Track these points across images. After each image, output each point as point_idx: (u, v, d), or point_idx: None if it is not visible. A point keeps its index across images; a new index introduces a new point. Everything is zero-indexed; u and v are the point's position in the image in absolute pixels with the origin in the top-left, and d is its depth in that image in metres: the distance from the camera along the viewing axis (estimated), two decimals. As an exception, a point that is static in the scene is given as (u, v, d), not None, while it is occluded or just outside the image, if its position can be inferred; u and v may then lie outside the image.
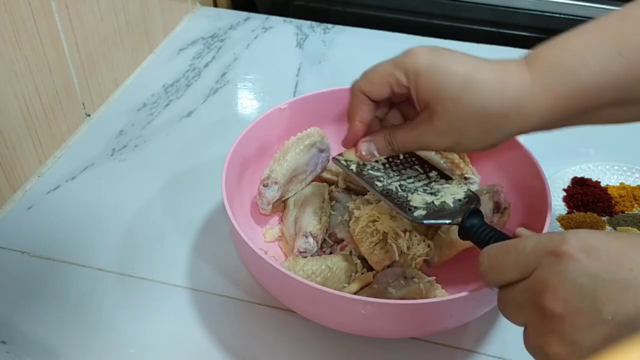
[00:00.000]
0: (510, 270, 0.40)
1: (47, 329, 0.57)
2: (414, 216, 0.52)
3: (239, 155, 0.62)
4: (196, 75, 0.92)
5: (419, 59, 0.49)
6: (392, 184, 0.55)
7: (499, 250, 0.41)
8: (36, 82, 0.70)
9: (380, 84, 0.51)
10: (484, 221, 0.50)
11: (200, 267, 0.64)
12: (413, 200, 0.53)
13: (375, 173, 0.56)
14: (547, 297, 0.36)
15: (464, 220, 0.50)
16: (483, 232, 0.48)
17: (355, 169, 0.56)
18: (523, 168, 0.62)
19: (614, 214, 0.68)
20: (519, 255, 0.39)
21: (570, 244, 0.36)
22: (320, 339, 0.57)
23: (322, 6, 1.14)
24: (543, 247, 0.38)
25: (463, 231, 0.50)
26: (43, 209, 0.70)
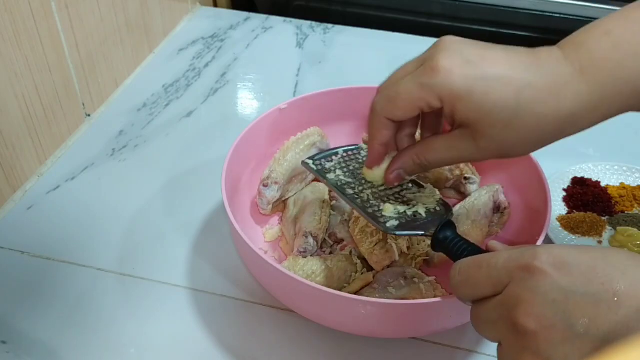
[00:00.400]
0: (482, 285, 0.39)
1: (47, 329, 0.57)
2: (386, 227, 0.51)
3: (239, 155, 0.62)
4: (196, 75, 0.92)
5: (454, 81, 0.43)
6: (363, 192, 0.54)
7: (471, 264, 0.41)
8: (36, 82, 0.70)
9: (406, 109, 0.46)
10: (457, 233, 0.49)
11: (200, 267, 0.64)
12: (385, 209, 0.52)
13: (346, 179, 0.56)
14: (519, 313, 0.36)
15: (437, 232, 0.49)
16: (456, 245, 0.48)
17: (326, 174, 0.56)
18: (523, 168, 0.62)
19: (614, 214, 0.68)
20: (490, 270, 0.39)
21: (541, 259, 0.36)
22: (320, 339, 0.57)
23: (322, 6, 1.14)
24: (514, 262, 0.37)
25: (436, 243, 0.50)
26: (43, 209, 0.70)
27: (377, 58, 0.96)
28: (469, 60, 0.44)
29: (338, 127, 0.70)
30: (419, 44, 0.95)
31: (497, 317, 0.38)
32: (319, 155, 0.59)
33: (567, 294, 0.35)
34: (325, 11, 1.13)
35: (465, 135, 0.46)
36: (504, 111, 0.43)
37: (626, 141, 0.81)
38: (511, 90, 0.43)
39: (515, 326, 0.36)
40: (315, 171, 0.57)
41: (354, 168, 0.57)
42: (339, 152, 0.59)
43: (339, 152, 0.59)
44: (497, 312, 0.38)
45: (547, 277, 0.35)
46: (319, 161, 0.58)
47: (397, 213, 0.52)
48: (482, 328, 0.40)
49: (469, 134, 0.45)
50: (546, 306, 0.35)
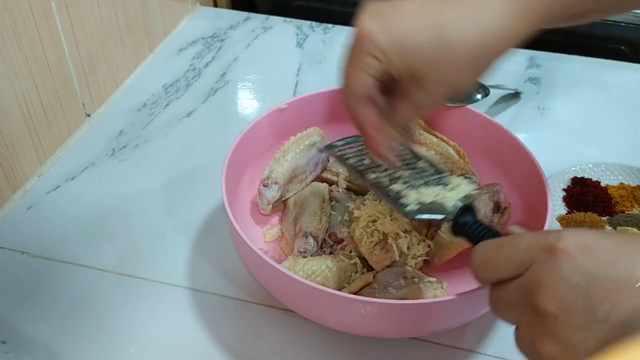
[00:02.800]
0: (503, 267, 0.39)
1: (47, 329, 0.57)
2: (406, 210, 0.51)
3: (239, 155, 0.62)
4: (196, 75, 0.92)
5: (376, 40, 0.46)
6: (384, 178, 0.54)
7: (493, 246, 0.40)
8: (36, 82, 0.70)
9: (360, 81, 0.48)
10: (476, 218, 0.49)
11: (200, 267, 0.64)
12: (407, 195, 0.52)
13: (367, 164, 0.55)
14: (540, 295, 0.36)
15: (458, 216, 0.49)
16: (477, 229, 0.48)
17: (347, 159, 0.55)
18: (523, 168, 0.62)
19: (614, 214, 0.68)
20: (512, 251, 0.38)
21: (565, 242, 0.36)
22: (320, 339, 0.57)
23: (322, 6, 1.14)
24: (537, 243, 0.37)
25: (456, 227, 0.50)
26: (43, 209, 0.70)
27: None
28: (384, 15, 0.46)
29: (338, 127, 0.70)
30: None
31: (517, 299, 0.38)
32: (341, 141, 0.58)
33: (590, 278, 0.34)
34: (325, 11, 1.13)
35: (413, 85, 0.47)
36: (429, 49, 0.45)
37: (626, 141, 0.81)
38: (428, 27, 0.45)
39: (535, 308, 0.36)
40: (337, 156, 0.56)
41: None
42: (359, 139, 0.57)
43: (360, 139, 0.57)
44: (518, 294, 0.38)
45: (571, 260, 0.35)
46: (341, 147, 0.57)
47: (418, 201, 0.52)
48: (500, 310, 0.40)
49: (415, 84, 0.47)
50: (568, 289, 0.35)
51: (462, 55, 0.45)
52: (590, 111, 0.87)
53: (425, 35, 0.45)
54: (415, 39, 0.45)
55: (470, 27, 0.45)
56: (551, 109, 0.86)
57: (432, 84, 0.47)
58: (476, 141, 0.68)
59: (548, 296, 0.35)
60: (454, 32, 0.45)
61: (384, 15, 0.46)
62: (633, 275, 0.34)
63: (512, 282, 0.38)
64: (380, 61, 0.46)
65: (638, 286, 0.33)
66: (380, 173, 0.54)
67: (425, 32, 0.45)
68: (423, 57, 0.45)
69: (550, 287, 0.35)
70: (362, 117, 0.50)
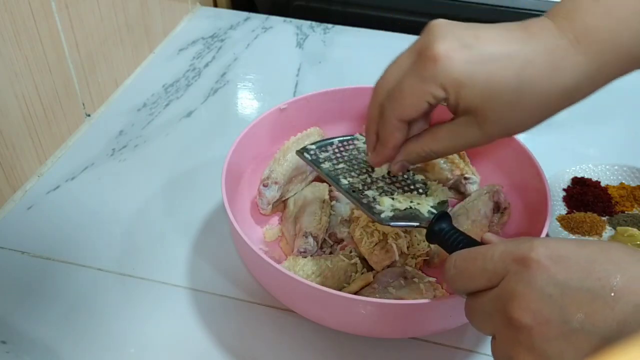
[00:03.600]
0: (477, 278, 0.39)
1: (47, 329, 0.57)
2: (380, 217, 0.50)
3: (239, 155, 0.62)
4: (196, 75, 0.92)
5: (455, 68, 0.42)
6: (359, 182, 0.54)
7: (467, 257, 0.40)
8: (36, 82, 0.70)
9: (414, 106, 0.45)
10: (452, 225, 0.49)
11: (200, 267, 0.64)
12: (381, 202, 0.52)
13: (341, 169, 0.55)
14: (514, 307, 0.35)
15: (433, 223, 0.49)
16: (452, 237, 0.47)
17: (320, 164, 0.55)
18: (523, 168, 0.62)
19: (614, 214, 0.68)
20: (486, 263, 0.38)
21: (538, 252, 0.36)
22: (320, 339, 0.57)
23: (322, 6, 1.14)
24: (510, 254, 0.37)
25: (431, 234, 0.49)
26: (43, 209, 0.70)
27: (377, 58, 0.96)
28: (465, 43, 0.43)
29: (338, 127, 0.70)
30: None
31: (492, 310, 0.38)
32: (314, 144, 0.58)
33: (563, 289, 0.34)
34: (325, 11, 1.13)
35: (470, 121, 0.45)
36: (507, 93, 0.43)
37: (626, 141, 0.81)
38: (512, 71, 0.42)
39: (509, 320, 0.36)
40: (310, 160, 0.56)
41: (350, 157, 0.56)
42: (334, 142, 0.58)
43: (334, 142, 0.58)
44: (492, 305, 0.37)
45: (544, 271, 0.35)
46: (314, 151, 0.57)
47: (393, 207, 0.52)
48: (476, 321, 0.40)
49: (473, 120, 0.45)
50: (542, 301, 0.35)
51: (537, 105, 0.43)
52: (590, 111, 0.87)
53: (507, 76, 0.42)
54: (496, 78, 0.43)
55: (551, 81, 0.43)
56: (551, 109, 0.86)
57: (492, 126, 0.45)
58: (476, 141, 0.68)
59: (522, 308, 0.35)
60: (537, 81, 0.42)
61: (465, 43, 0.43)
62: (606, 285, 0.33)
63: (487, 293, 0.38)
64: (448, 93, 0.44)
65: (612, 296, 0.33)
66: (354, 178, 0.54)
67: (508, 74, 0.42)
68: (498, 100, 0.43)
69: (524, 299, 0.35)
70: (392, 136, 0.48)
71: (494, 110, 0.44)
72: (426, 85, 0.44)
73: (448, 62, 0.43)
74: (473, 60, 0.43)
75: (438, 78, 0.43)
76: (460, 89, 0.43)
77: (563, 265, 0.35)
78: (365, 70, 0.95)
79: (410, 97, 0.45)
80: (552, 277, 0.35)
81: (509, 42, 0.43)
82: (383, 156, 0.50)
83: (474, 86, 0.43)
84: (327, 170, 0.55)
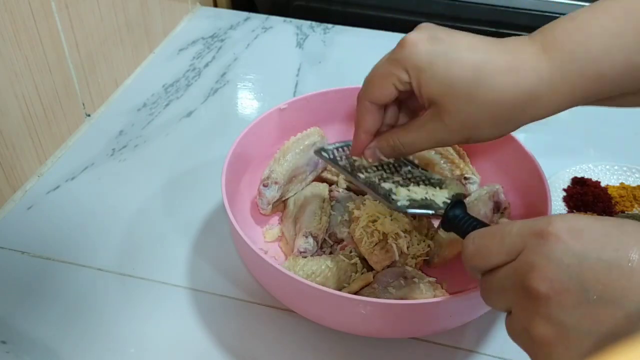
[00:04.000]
0: (495, 253, 0.39)
1: (47, 329, 0.57)
2: (397, 205, 0.51)
3: (239, 155, 0.62)
4: (196, 75, 0.92)
5: (418, 52, 0.45)
6: (374, 178, 0.54)
7: (485, 234, 0.41)
8: (36, 82, 0.70)
9: (382, 87, 0.48)
10: (466, 212, 0.50)
11: (200, 267, 0.64)
12: (398, 192, 0.53)
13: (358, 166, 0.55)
14: (533, 278, 0.36)
15: (447, 210, 0.50)
16: (466, 223, 0.48)
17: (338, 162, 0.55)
18: (523, 168, 0.62)
19: (614, 214, 0.68)
20: (504, 237, 0.39)
21: (556, 226, 0.36)
22: (320, 339, 0.57)
23: (322, 6, 1.14)
24: (529, 229, 0.37)
25: (446, 221, 0.50)
26: (43, 209, 0.70)
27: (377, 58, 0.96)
28: (435, 36, 0.46)
29: (338, 127, 0.70)
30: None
31: (509, 284, 0.38)
32: (332, 145, 0.58)
33: (581, 259, 0.35)
34: (325, 11, 1.13)
35: (432, 114, 0.47)
36: (464, 84, 0.44)
37: (626, 141, 0.81)
38: (470, 64, 0.44)
39: (527, 291, 0.36)
40: (328, 159, 0.56)
41: None
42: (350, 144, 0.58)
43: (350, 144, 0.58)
44: (510, 279, 0.38)
45: (561, 243, 0.35)
46: (331, 151, 0.58)
47: (409, 197, 0.52)
48: (492, 297, 0.40)
49: (435, 113, 0.47)
50: (560, 271, 0.35)
51: (492, 101, 0.44)
52: (591, 111, 0.87)
53: (465, 70, 0.44)
54: (454, 69, 0.45)
55: (509, 78, 0.44)
56: (551, 109, 0.86)
57: (452, 120, 0.46)
58: (476, 141, 0.68)
59: (540, 278, 0.35)
60: (493, 77, 0.44)
61: (436, 37, 0.46)
62: (624, 256, 0.34)
63: (504, 267, 0.39)
64: (410, 77, 0.46)
65: (629, 266, 0.33)
66: (371, 174, 0.55)
67: (467, 68, 0.44)
68: (454, 90, 0.45)
69: (543, 270, 0.35)
70: (363, 119, 0.51)
71: (450, 100, 0.45)
72: (392, 67, 0.47)
73: (413, 47, 0.46)
74: (437, 50, 0.45)
75: (402, 61, 0.46)
76: (420, 73, 0.46)
77: (580, 238, 0.35)
78: (365, 70, 0.95)
79: (379, 79, 0.49)
80: (570, 249, 0.35)
81: (477, 43, 0.46)
82: (356, 140, 0.52)
83: (433, 73, 0.45)
84: (345, 167, 0.56)
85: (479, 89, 0.44)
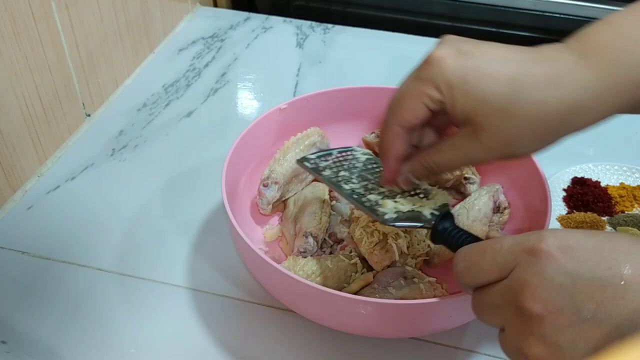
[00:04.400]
0: (487, 271, 0.39)
1: (47, 329, 0.57)
2: (384, 218, 0.50)
3: (239, 155, 0.62)
4: (196, 75, 0.92)
5: (447, 68, 0.43)
6: (360, 188, 0.54)
7: (475, 250, 0.40)
8: (36, 82, 0.70)
9: (413, 109, 0.45)
10: (455, 224, 0.49)
11: (200, 267, 0.64)
12: (384, 204, 0.51)
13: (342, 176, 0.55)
14: (525, 297, 0.35)
15: (436, 223, 0.49)
16: (455, 236, 0.47)
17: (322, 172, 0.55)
18: (523, 168, 0.62)
19: (614, 214, 0.68)
20: (495, 255, 0.38)
21: (548, 242, 0.36)
22: (320, 339, 0.57)
23: (322, 6, 1.14)
24: (520, 246, 0.37)
25: (435, 234, 0.49)
26: (43, 209, 0.70)
27: (377, 58, 0.96)
28: (463, 50, 0.44)
29: (338, 127, 0.70)
30: (419, 44, 0.95)
31: (501, 302, 0.37)
32: (314, 154, 0.59)
33: (573, 278, 0.34)
34: (325, 11, 1.13)
35: (468, 132, 0.45)
36: (500, 98, 0.42)
37: (626, 141, 0.81)
38: (506, 78, 0.42)
39: (520, 310, 0.36)
40: (310, 169, 0.56)
41: (350, 166, 0.57)
42: (333, 153, 0.59)
43: (333, 152, 0.59)
44: (502, 297, 0.37)
45: (554, 261, 0.35)
46: (314, 160, 0.58)
47: (396, 210, 0.52)
48: (484, 314, 0.40)
49: (471, 131, 0.45)
50: (553, 290, 0.35)
51: (533, 116, 0.42)
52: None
53: (500, 84, 0.42)
54: (489, 84, 0.42)
55: (550, 91, 0.41)
56: (551, 109, 0.86)
57: (489, 137, 0.44)
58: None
59: (533, 298, 0.35)
60: (532, 90, 0.42)
61: (464, 50, 0.43)
62: (617, 274, 0.34)
63: (496, 285, 0.38)
64: (443, 94, 0.44)
65: (622, 284, 0.33)
66: (355, 184, 0.54)
67: (502, 81, 0.42)
68: (490, 106, 0.42)
69: (535, 289, 0.35)
70: (392, 145, 0.48)
71: (487, 117, 0.43)
72: (422, 86, 0.44)
73: (442, 63, 0.43)
74: (467, 64, 0.43)
75: (432, 78, 0.44)
76: (452, 90, 0.43)
77: (572, 255, 0.35)
78: (365, 70, 0.96)
79: (408, 100, 0.46)
80: (562, 267, 0.35)
81: (509, 53, 0.43)
82: (386, 168, 0.50)
83: (466, 89, 0.43)
84: (329, 177, 0.55)
85: (517, 104, 0.42)
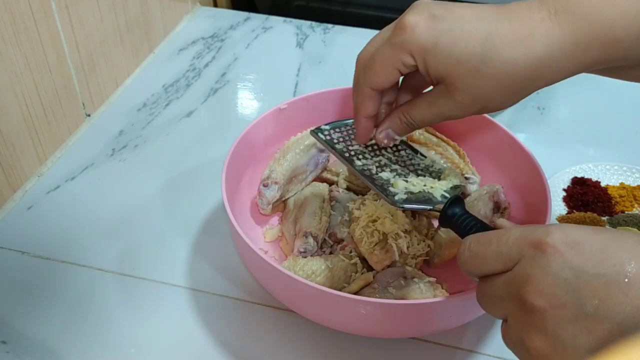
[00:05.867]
0: (491, 261, 0.39)
1: (47, 329, 0.57)
2: (394, 199, 0.50)
3: (239, 155, 0.62)
4: (196, 75, 0.92)
5: (420, 34, 0.44)
6: (372, 165, 0.54)
7: (481, 240, 0.40)
8: (36, 82, 0.70)
9: (385, 73, 0.47)
10: (465, 210, 0.49)
11: (200, 267, 0.64)
12: (395, 184, 0.52)
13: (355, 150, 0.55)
14: (529, 291, 0.36)
15: (446, 207, 0.49)
16: (465, 221, 0.47)
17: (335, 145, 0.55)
18: (523, 168, 0.62)
19: (614, 214, 0.68)
20: (501, 246, 0.38)
21: (554, 237, 0.36)
22: (320, 339, 0.57)
23: (322, 6, 1.14)
24: (526, 239, 0.37)
25: (444, 218, 0.49)
26: (43, 209, 0.70)
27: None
28: (435, 14, 0.45)
29: (338, 127, 0.70)
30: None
31: (505, 294, 0.38)
32: (328, 125, 0.57)
33: (578, 274, 0.34)
34: (325, 11, 1.13)
35: (442, 90, 0.46)
36: (472, 59, 0.43)
37: (626, 141, 0.81)
38: (476, 38, 0.43)
39: (523, 303, 0.36)
40: (324, 140, 0.55)
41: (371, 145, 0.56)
42: (348, 123, 0.57)
43: (348, 123, 0.57)
44: (506, 289, 0.38)
45: (559, 256, 0.35)
46: (328, 131, 0.56)
47: (406, 190, 0.52)
48: (488, 304, 0.40)
49: (445, 89, 0.46)
50: (557, 285, 0.35)
51: (503, 74, 0.43)
52: (590, 111, 0.87)
53: (471, 44, 0.43)
54: (461, 47, 0.43)
55: (520, 49, 0.43)
56: (551, 108, 0.86)
57: (463, 96, 0.45)
58: (476, 141, 0.68)
59: (536, 291, 0.35)
60: (502, 49, 0.43)
61: (435, 14, 0.45)
62: (621, 271, 0.34)
63: (500, 276, 0.38)
64: (415, 60, 0.45)
65: (626, 282, 0.33)
66: (368, 160, 0.54)
67: (473, 43, 0.43)
68: (463, 67, 0.44)
69: (539, 283, 0.35)
70: (363, 105, 0.50)
71: (460, 77, 0.44)
72: (395, 52, 0.46)
73: (415, 29, 0.44)
74: (439, 28, 0.44)
75: (405, 44, 0.45)
76: (426, 55, 0.45)
77: (578, 251, 0.35)
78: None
79: (381, 65, 0.47)
80: (567, 262, 0.35)
81: (480, 14, 0.44)
82: (358, 126, 0.52)
83: (438, 52, 0.44)
84: (341, 151, 0.55)
85: (488, 63, 0.43)
